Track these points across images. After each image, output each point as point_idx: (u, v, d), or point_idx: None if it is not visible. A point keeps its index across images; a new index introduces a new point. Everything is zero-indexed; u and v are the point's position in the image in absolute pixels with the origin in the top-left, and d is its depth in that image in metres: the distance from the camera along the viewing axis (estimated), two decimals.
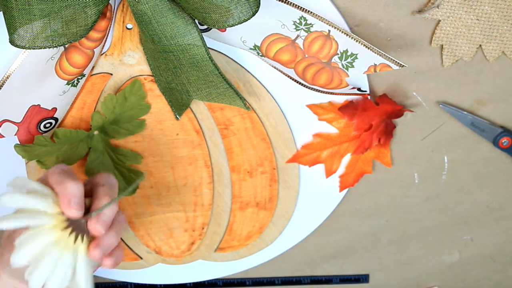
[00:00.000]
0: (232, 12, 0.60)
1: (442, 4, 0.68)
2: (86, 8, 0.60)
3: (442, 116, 0.76)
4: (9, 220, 0.57)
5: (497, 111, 0.76)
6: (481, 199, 0.82)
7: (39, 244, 0.57)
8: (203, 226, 0.80)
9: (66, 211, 0.58)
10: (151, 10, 0.62)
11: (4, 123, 0.68)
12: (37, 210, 0.58)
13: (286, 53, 0.68)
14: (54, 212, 0.58)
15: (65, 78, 0.68)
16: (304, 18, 0.65)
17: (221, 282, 0.86)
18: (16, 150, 0.70)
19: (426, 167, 0.79)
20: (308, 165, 0.77)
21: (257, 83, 0.72)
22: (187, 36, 0.64)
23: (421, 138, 0.77)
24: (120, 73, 0.71)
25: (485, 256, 0.87)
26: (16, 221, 0.57)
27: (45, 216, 0.58)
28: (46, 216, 0.58)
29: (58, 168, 0.61)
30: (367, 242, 0.84)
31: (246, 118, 0.74)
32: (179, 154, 0.76)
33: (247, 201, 0.79)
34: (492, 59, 0.72)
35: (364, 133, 0.74)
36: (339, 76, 0.69)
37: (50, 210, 0.58)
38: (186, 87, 0.69)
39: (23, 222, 0.57)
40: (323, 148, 0.76)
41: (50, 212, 0.58)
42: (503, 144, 0.77)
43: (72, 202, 0.58)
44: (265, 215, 0.80)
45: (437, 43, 0.70)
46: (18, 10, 0.58)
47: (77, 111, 0.73)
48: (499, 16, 0.69)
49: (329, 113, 0.74)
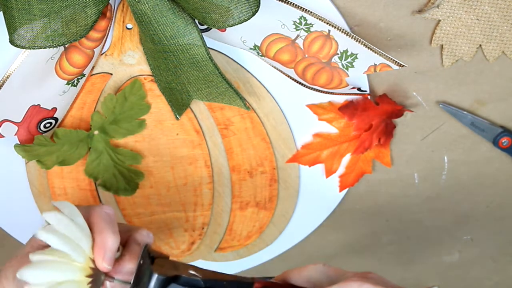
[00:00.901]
0: (232, 12, 0.60)
1: (442, 4, 0.68)
2: (86, 8, 0.60)
3: (442, 116, 0.76)
4: (50, 234, 0.57)
5: (497, 111, 0.76)
6: (481, 199, 0.82)
7: (61, 275, 0.56)
8: (203, 226, 0.80)
9: (98, 261, 0.58)
10: (151, 10, 0.62)
11: (4, 123, 0.68)
12: (76, 244, 0.57)
13: (286, 53, 0.68)
14: (88, 255, 0.58)
15: (65, 78, 0.68)
16: (304, 18, 0.65)
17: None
18: (16, 150, 0.70)
19: (426, 167, 0.79)
20: (308, 165, 0.77)
21: (257, 83, 0.73)
22: (187, 36, 0.64)
23: (421, 138, 0.77)
24: (120, 73, 0.71)
25: (485, 256, 0.87)
26: (56, 240, 0.56)
27: (81, 254, 0.57)
28: (82, 254, 0.57)
29: (102, 211, 0.60)
30: (367, 242, 0.84)
31: (246, 118, 0.74)
32: (179, 154, 0.76)
33: (247, 201, 0.79)
34: (492, 59, 0.72)
35: (364, 133, 0.74)
36: (339, 76, 0.69)
37: (86, 251, 0.58)
38: (186, 87, 0.70)
39: (61, 246, 0.56)
40: (323, 148, 0.76)
41: (86, 253, 0.57)
42: (503, 144, 0.77)
43: (106, 256, 0.57)
44: (265, 215, 0.80)
45: (437, 43, 0.70)
46: (18, 10, 0.58)
47: (77, 111, 0.73)
48: (499, 16, 0.69)
49: (329, 113, 0.74)
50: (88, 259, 0.58)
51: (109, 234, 0.58)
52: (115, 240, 0.58)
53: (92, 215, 0.60)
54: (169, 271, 0.59)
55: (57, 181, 0.77)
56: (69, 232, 0.57)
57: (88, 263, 0.58)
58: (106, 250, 0.58)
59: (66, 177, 0.76)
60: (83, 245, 0.57)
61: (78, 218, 0.58)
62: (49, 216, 0.57)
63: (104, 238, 0.58)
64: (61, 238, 0.57)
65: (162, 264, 0.60)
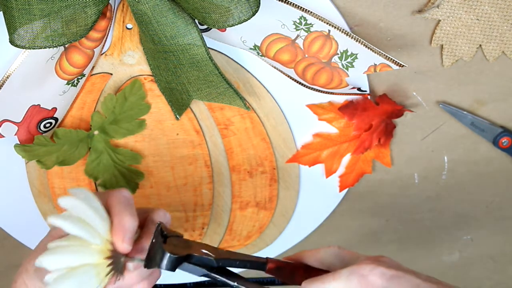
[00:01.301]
0: (232, 12, 0.60)
1: (442, 4, 0.68)
2: (86, 8, 0.60)
3: (442, 116, 0.76)
4: (66, 220, 0.56)
5: (497, 111, 0.76)
6: (481, 199, 0.82)
7: (79, 258, 0.56)
8: (203, 226, 0.80)
9: (117, 243, 0.57)
10: (151, 10, 0.62)
11: (4, 123, 0.68)
12: (92, 227, 0.57)
13: (286, 53, 0.68)
14: (106, 238, 0.57)
15: (65, 78, 0.68)
16: (304, 18, 0.65)
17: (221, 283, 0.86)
18: (16, 150, 0.70)
19: (426, 167, 0.79)
20: (308, 165, 0.77)
21: (257, 83, 0.72)
22: (187, 36, 0.64)
23: (421, 138, 0.77)
24: (120, 73, 0.71)
25: (485, 256, 0.87)
26: (70, 224, 0.56)
27: (99, 236, 0.57)
28: (99, 237, 0.57)
29: (120, 194, 0.60)
30: (367, 242, 0.84)
31: (246, 118, 0.74)
32: (179, 154, 0.76)
33: (247, 201, 0.79)
34: (492, 59, 0.72)
35: (364, 133, 0.74)
36: (339, 76, 0.69)
37: (103, 234, 0.57)
38: (186, 87, 0.70)
39: (76, 230, 0.56)
40: (323, 148, 0.76)
41: (103, 235, 0.57)
42: (503, 144, 0.77)
43: (126, 237, 0.57)
44: (265, 215, 0.80)
45: (437, 43, 0.70)
46: (18, 10, 0.58)
47: (77, 111, 0.73)
48: (499, 16, 0.69)
49: (329, 113, 0.74)
50: (106, 242, 0.57)
51: (127, 216, 0.58)
52: (133, 221, 0.58)
53: (110, 198, 0.60)
54: (182, 250, 0.59)
55: (57, 181, 0.77)
56: (84, 216, 0.57)
57: (106, 246, 0.57)
58: (124, 231, 0.57)
59: (66, 177, 0.76)
60: (100, 228, 0.57)
61: (94, 202, 0.58)
62: (64, 201, 0.57)
63: (122, 219, 0.58)
64: (75, 223, 0.56)
65: (175, 243, 0.60)
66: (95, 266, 0.56)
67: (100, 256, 0.57)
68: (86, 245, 0.56)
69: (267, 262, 0.61)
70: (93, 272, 0.56)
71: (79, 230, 0.56)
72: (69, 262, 0.55)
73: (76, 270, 0.55)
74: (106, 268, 0.57)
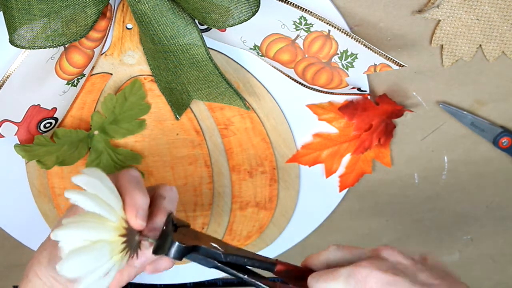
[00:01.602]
0: (232, 12, 0.60)
1: (442, 4, 0.68)
2: (86, 8, 0.60)
3: (442, 116, 0.76)
4: (84, 196, 0.56)
5: (497, 111, 0.76)
6: (481, 199, 0.82)
7: (95, 234, 0.56)
8: (203, 226, 0.80)
9: (131, 220, 0.58)
10: (151, 10, 0.62)
11: (4, 123, 0.68)
12: (107, 204, 0.57)
13: (286, 53, 0.68)
14: (121, 215, 0.58)
15: (65, 78, 0.68)
16: (304, 18, 0.65)
17: (221, 282, 0.86)
18: (16, 150, 0.70)
19: (426, 167, 0.79)
20: (308, 165, 0.77)
21: (257, 83, 0.72)
22: (187, 36, 0.64)
23: (421, 138, 0.77)
24: (120, 73, 0.71)
25: (485, 256, 0.87)
26: (91, 201, 0.56)
27: (114, 214, 0.57)
28: (115, 214, 0.57)
29: (128, 174, 0.61)
30: (367, 242, 0.84)
31: (246, 118, 0.74)
32: (179, 154, 0.76)
33: (247, 201, 0.79)
34: (492, 59, 0.72)
35: (364, 133, 0.74)
36: (339, 76, 0.69)
37: (118, 211, 0.57)
38: (186, 87, 0.70)
39: (93, 206, 0.56)
40: (323, 148, 0.76)
41: (118, 213, 0.57)
42: (503, 144, 0.77)
43: (139, 214, 0.58)
44: (265, 215, 0.80)
45: (437, 43, 0.70)
46: (18, 10, 0.58)
47: (77, 111, 0.73)
48: (499, 16, 0.69)
49: (329, 113, 0.74)
50: (121, 219, 0.57)
51: (138, 193, 0.59)
52: (145, 198, 0.59)
53: (120, 179, 0.61)
54: (191, 240, 0.59)
55: (57, 181, 0.77)
56: (100, 194, 0.57)
57: (121, 223, 0.57)
58: (137, 208, 0.58)
59: (66, 177, 0.76)
60: (114, 206, 0.57)
61: (107, 181, 0.58)
62: (78, 179, 0.57)
63: (134, 197, 0.58)
64: (92, 199, 0.56)
65: (184, 233, 0.60)
66: (110, 243, 0.56)
67: (116, 233, 0.57)
68: (103, 222, 0.56)
69: (276, 264, 0.61)
70: (107, 248, 0.56)
71: (96, 207, 0.56)
72: (85, 236, 0.55)
73: (91, 245, 0.55)
74: (121, 245, 0.57)
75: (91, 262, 0.55)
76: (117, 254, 0.57)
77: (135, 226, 0.58)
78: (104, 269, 0.56)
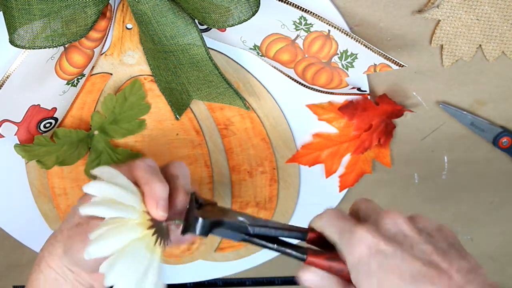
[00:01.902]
0: (232, 12, 0.60)
1: (442, 4, 0.68)
2: (86, 8, 0.60)
3: (442, 116, 0.76)
4: (97, 206, 0.56)
5: (497, 111, 0.76)
6: (481, 199, 0.82)
7: (123, 238, 0.56)
8: None
9: (152, 212, 0.58)
10: (151, 10, 0.62)
11: (4, 123, 0.68)
12: (124, 204, 0.57)
13: (286, 53, 0.68)
14: (141, 210, 0.57)
15: (65, 78, 0.68)
16: (304, 18, 0.65)
17: (221, 282, 0.86)
18: (16, 150, 0.70)
19: (426, 167, 0.79)
20: (308, 165, 0.77)
21: (257, 83, 0.72)
22: (187, 36, 0.64)
23: (421, 138, 0.77)
24: (120, 73, 0.71)
25: (485, 256, 0.87)
26: (106, 209, 0.56)
27: (134, 211, 0.57)
28: (135, 211, 0.57)
29: (145, 164, 0.60)
30: None
31: (246, 118, 0.74)
32: (179, 154, 0.76)
33: (247, 201, 0.79)
34: (492, 59, 0.72)
35: (364, 133, 0.74)
36: (339, 76, 0.69)
37: (137, 207, 0.57)
38: (186, 87, 0.70)
39: (113, 212, 0.56)
40: (323, 148, 0.76)
41: (138, 208, 0.57)
42: (503, 144, 0.77)
43: (160, 205, 0.58)
44: (265, 215, 0.80)
45: (437, 43, 0.70)
46: (18, 10, 0.58)
47: (77, 111, 0.73)
48: (499, 16, 0.69)
49: (329, 113, 0.74)
50: (143, 214, 0.57)
51: (156, 183, 0.58)
52: (164, 188, 0.58)
53: (135, 170, 0.60)
54: (215, 215, 0.59)
55: (57, 181, 0.77)
56: (114, 196, 0.56)
57: (144, 217, 0.57)
58: (157, 198, 0.58)
59: (66, 177, 0.76)
60: (132, 202, 0.57)
61: (119, 179, 0.58)
62: (89, 188, 0.57)
63: (152, 188, 0.58)
64: (107, 206, 0.56)
65: (209, 209, 0.60)
66: (141, 239, 0.56)
67: (142, 228, 0.57)
68: (125, 223, 0.56)
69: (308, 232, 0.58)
70: (142, 245, 0.56)
71: (113, 211, 0.56)
72: (115, 244, 0.55)
73: (125, 250, 0.55)
74: (152, 237, 0.57)
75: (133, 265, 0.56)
76: (153, 246, 0.57)
77: (157, 218, 0.58)
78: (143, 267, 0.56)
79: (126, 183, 0.58)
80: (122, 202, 0.57)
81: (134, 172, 0.60)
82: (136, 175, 0.60)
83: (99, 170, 0.59)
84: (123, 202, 0.57)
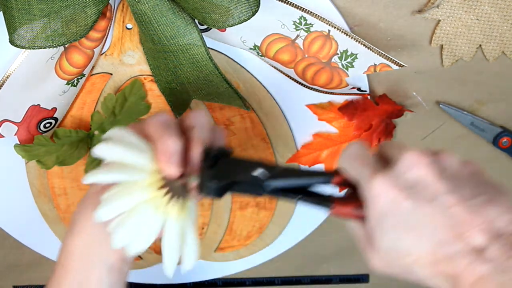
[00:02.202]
0: (232, 12, 0.60)
1: (442, 4, 0.68)
2: (86, 8, 0.60)
3: (442, 116, 0.76)
4: (105, 173, 0.54)
5: (497, 111, 0.76)
6: None
7: (130, 200, 0.54)
8: (203, 226, 0.80)
9: (165, 168, 0.54)
10: (151, 10, 0.62)
11: (4, 123, 0.68)
12: (133, 165, 0.54)
13: (286, 53, 0.68)
14: (152, 169, 0.54)
15: (65, 78, 0.68)
16: (304, 18, 0.65)
17: (221, 282, 0.86)
18: (16, 150, 0.70)
19: None
20: (308, 165, 0.77)
21: (257, 83, 0.72)
22: (187, 36, 0.64)
23: (421, 138, 0.77)
24: (120, 73, 0.71)
25: None
26: (112, 174, 0.54)
27: (142, 172, 0.54)
28: (143, 172, 0.54)
29: (158, 119, 0.56)
30: None
31: (246, 118, 0.74)
32: None
33: (247, 201, 0.79)
34: (492, 59, 0.72)
35: (364, 133, 0.74)
36: (339, 76, 0.69)
37: (147, 166, 0.54)
38: (186, 87, 0.70)
39: (119, 177, 0.54)
40: (323, 148, 0.76)
41: (148, 168, 0.54)
42: (503, 144, 0.77)
43: (172, 160, 0.53)
44: (265, 215, 0.80)
45: (437, 43, 0.70)
46: (18, 10, 0.58)
47: (77, 111, 0.73)
48: (499, 16, 0.69)
49: (329, 113, 0.74)
50: (154, 173, 0.54)
51: (167, 138, 0.54)
52: (175, 142, 0.54)
53: (147, 127, 0.56)
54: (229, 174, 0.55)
55: (57, 181, 0.77)
56: (122, 158, 0.54)
57: (154, 177, 0.54)
58: (168, 155, 0.54)
59: (66, 177, 0.76)
60: (141, 162, 0.54)
61: (129, 138, 0.55)
62: (98, 150, 0.55)
63: (163, 143, 0.54)
64: (110, 171, 0.54)
65: (222, 166, 0.56)
66: (150, 201, 0.54)
67: (151, 189, 0.54)
68: (132, 185, 0.54)
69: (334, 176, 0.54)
70: (150, 207, 0.54)
71: (118, 175, 0.54)
72: (123, 206, 0.54)
73: (132, 211, 0.54)
74: (164, 198, 0.54)
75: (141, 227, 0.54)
76: (164, 207, 0.54)
77: (169, 174, 0.54)
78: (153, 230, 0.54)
79: (137, 143, 0.55)
80: (132, 163, 0.54)
81: (146, 129, 0.56)
82: (148, 132, 0.56)
83: (110, 132, 0.56)
84: (131, 163, 0.54)
